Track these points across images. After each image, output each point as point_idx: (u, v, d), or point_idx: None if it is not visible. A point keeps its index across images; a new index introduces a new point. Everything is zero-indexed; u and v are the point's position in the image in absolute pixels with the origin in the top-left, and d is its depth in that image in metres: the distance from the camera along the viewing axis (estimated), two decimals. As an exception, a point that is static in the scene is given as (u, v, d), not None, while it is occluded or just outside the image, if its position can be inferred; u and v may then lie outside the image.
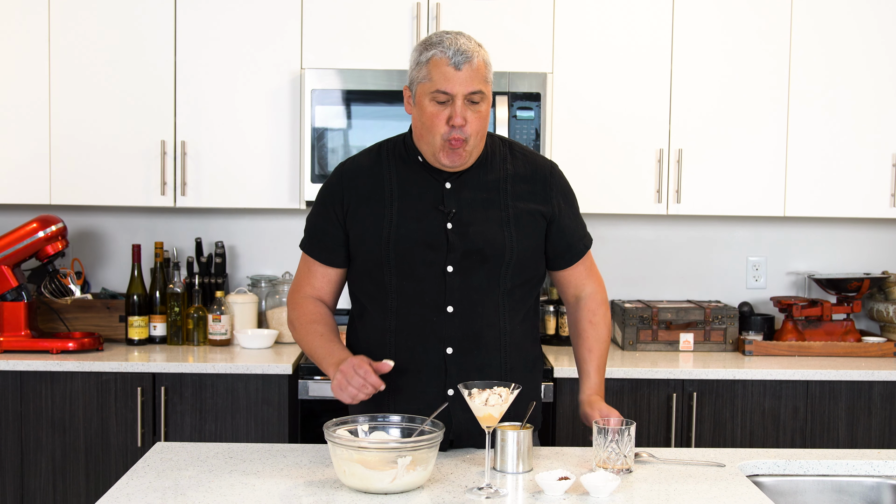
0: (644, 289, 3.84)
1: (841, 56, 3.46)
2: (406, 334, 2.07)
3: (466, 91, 1.97)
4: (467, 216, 2.06)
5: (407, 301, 2.06)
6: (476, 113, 2.00)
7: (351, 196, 2.10)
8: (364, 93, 3.32)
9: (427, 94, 2.00)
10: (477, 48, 2.01)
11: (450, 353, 2.06)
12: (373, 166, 2.13)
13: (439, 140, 2.00)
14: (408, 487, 1.76)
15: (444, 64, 1.97)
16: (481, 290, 2.06)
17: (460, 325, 2.06)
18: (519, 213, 2.08)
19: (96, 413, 3.13)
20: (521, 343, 2.13)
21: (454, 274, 2.05)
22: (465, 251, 2.04)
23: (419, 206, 2.07)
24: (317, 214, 2.16)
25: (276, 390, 3.13)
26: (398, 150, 2.14)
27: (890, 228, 3.86)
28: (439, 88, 1.97)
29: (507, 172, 2.11)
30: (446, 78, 1.97)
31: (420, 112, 2.03)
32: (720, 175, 3.48)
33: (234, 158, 3.42)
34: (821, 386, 3.20)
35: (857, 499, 2.03)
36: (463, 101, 1.98)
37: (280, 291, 3.64)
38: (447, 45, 1.98)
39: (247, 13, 3.40)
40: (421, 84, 2.01)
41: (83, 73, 3.39)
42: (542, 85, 3.33)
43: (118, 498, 1.73)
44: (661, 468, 1.96)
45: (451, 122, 1.98)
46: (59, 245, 3.32)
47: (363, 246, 2.08)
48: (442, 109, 1.99)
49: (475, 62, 1.98)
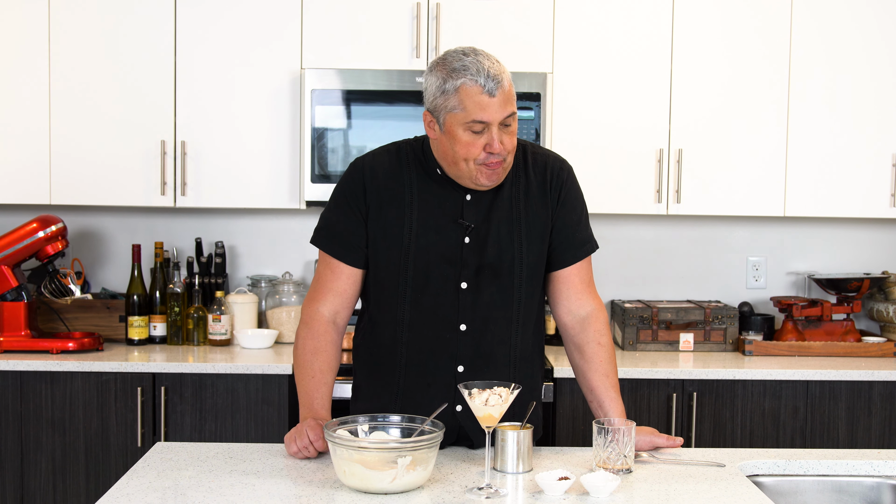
0: (644, 289, 3.84)
1: (841, 56, 3.46)
2: (418, 348, 2.04)
3: (503, 117, 1.92)
4: (484, 230, 2.02)
5: (420, 315, 2.03)
6: (510, 134, 1.95)
7: (373, 196, 2.04)
8: (364, 93, 3.32)
9: (461, 125, 1.92)
10: (502, 68, 1.93)
11: (461, 371, 2.03)
12: (393, 168, 2.06)
13: (474, 165, 1.95)
14: (408, 487, 1.76)
15: (476, 93, 1.89)
16: (494, 307, 2.04)
17: (472, 343, 2.03)
18: (530, 222, 2.05)
19: (96, 413, 3.13)
20: (529, 356, 2.12)
21: (468, 291, 2.02)
22: (478, 266, 2.02)
23: (439, 218, 2.02)
24: (338, 213, 2.08)
25: (276, 390, 3.13)
26: (417, 157, 2.07)
27: (890, 228, 3.86)
28: (476, 119, 1.90)
29: (520, 179, 2.07)
30: (482, 107, 1.90)
31: (453, 142, 1.95)
32: (720, 175, 3.48)
33: (234, 158, 3.42)
34: (821, 386, 3.20)
35: (857, 499, 2.03)
36: (499, 127, 1.93)
37: (280, 291, 3.64)
38: (474, 72, 1.89)
39: (247, 13, 3.40)
40: (452, 114, 1.92)
41: (83, 74, 3.39)
42: (542, 85, 3.33)
43: (118, 498, 1.73)
44: (661, 468, 1.96)
45: (490, 149, 1.92)
46: (59, 245, 3.32)
47: (381, 252, 2.03)
48: (478, 138, 1.92)
49: (505, 85, 1.92)
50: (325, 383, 2.06)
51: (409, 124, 3.28)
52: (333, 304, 2.09)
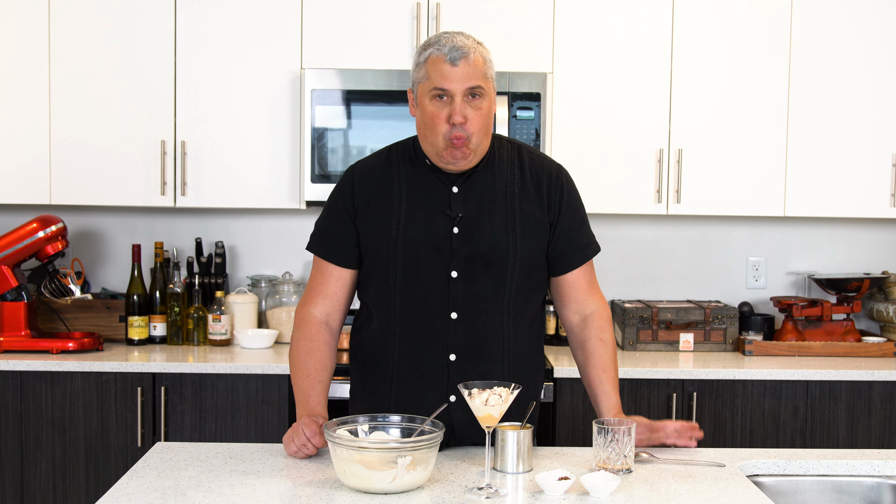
0: (644, 289, 3.84)
1: (841, 56, 3.46)
2: (410, 339, 2.06)
3: (464, 87, 1.96)
4: (474, 221, 2.04)
5: (411, 305, 2.05)
6: (477, 110, 1.99)
7: (361, 196, 2.09)
8: (364, 93, 3.32)
9: (427, 94, 1.99)
10: (475, 45, 2.00)
11: (453, 360, 2.05)
12: (382, 167, 2.11)
13: (441, 140, 1.99)
14: (408, 487, 1.76)
15: (440, 61, 1.96)
16: (485, 297, 2.05)
17: (464, 332, 2.04)
18: (525, 217, 2.06)
19: (96, 413, 3.13)
20: (525, 351, 2.12)
21: (458, 280, 2.04)
22: (468, 256, 2.03)
23: (427, 209, 2.06)
24: (328, 217, 2.14)
25: (276, 390, 3.13)
26: (407, 153, 2.12)
27: (890, 228, 3.86)
28: (437, 86, 1.97)
29: (514, 176, 2.09)
30: (443, 75, 1.96)
31: (421, 112, 2.02)
32: (720, 175, 3.48)
33: (234, 158, 3.42)
34: (821, 386, 3.20)
35: (857, 499, 2.03)
36: (462, 99, 1.97)
37: (280, 291, 3.64)
38: (443, 43, 1.97)
39: (247, 13, 3.40)
40: (420, 84, 2.01)
41: (83, 74, 3.39)
42: (542, 85, 3.33)
43: (118, 498, 1.73)
44: (662, 468, 1.96)
45: (452, 120, 1.97)
46: (59, 245, 3.32)
47: (371, 246, 2.07)
48: (442, 108, 1.98)
49: (472, 57, 1.97)
50: (320, 381, 2.09)
51: (410, 124, 3.27)
52: (325, 307, 2.13)
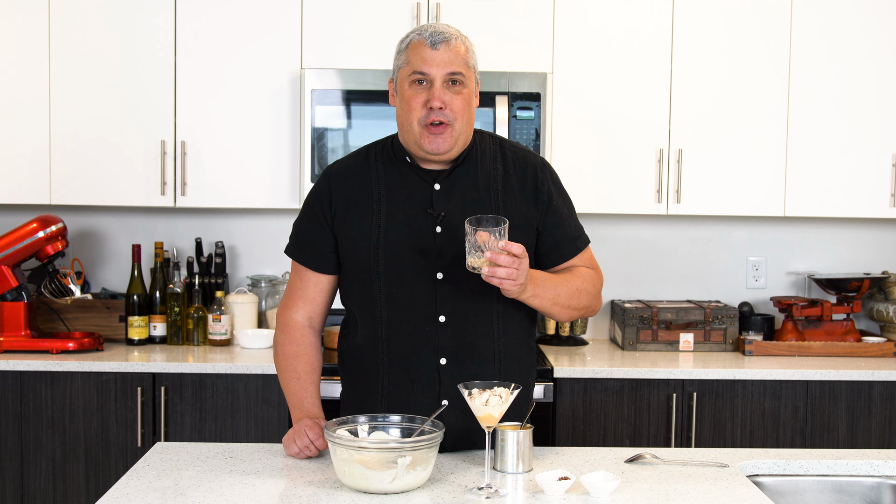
0: (644, 289, 3.84)
1: (841, 56, 3.46)
2: (399, 344, 2.02)
3: (445, 72, 1.95)
4: (457, 219, 2.00)
5: (398, 310, 2.01)
6: (457, 95, 1.96)
7: (339, 199, 2.05)
8: (364, 93, 3.32)
9: (406, 79, 1.97)
10: (457, 33, 1.99)
11: (443, 364, 2.01)
12: (360, 168, 2.07)
13: (417, 126, 1.96)
14: (408, 487, 1.76)
15: (421, 45, 1.96)
16: (474, 298, 2.01)
17: (453, 335, 2.01)
18: (510, 213, 2.01)
19: (96, 413, 3.13)
20: (516, 353, 2.08)
21: (444, 281, 2.00)
22: (454, 256, 1.99)
23: (408, 210, 2.02)
24: (305, 220, 2.11)
25: (276, 390, 3.13)
26: (386, 151, 2.08)
27: (890, 228, 3.86)
28: (416, 69, 1.95)
29: (497, 171, 2.06)
30: (423, 59, 1.95)
31: (400, 98, 2.00)
32: (720, 175, 3.48)
33: (234, 158, 3.42)
34: (821, 386, 3.20)
35: (857, 499, 2.03)
36: (442, 84, 1.95)
37: (280, 291, 3.64)
38: (423, 31, 1.97)
39: (247, 13, 3.40)
40: (400, 70, 1.99)
41: (83, 73, 3.39)
42: (542, 85, 3.33)
43: (118, 498, 1.73)
44: (662, 468, 1.96)
45: (430, 104, 1.94)
46: (59, 245, 3.32)
47: (351, 252, 2.04)
48: (420, 92, 1.96)
49: (453, 43, 1.96)
50: (311, 383, 2.09)
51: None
52: (306, 311, 2.13)
